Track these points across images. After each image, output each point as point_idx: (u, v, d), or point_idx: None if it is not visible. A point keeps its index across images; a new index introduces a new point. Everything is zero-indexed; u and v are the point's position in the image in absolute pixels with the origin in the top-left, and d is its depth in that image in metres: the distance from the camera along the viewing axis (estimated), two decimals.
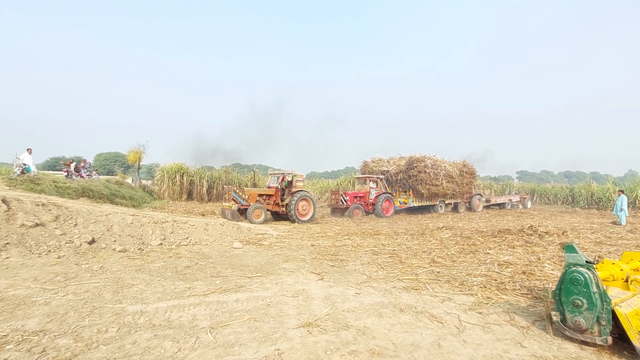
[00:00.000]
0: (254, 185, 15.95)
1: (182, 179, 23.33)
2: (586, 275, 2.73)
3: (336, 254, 6.98)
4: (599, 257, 3.41)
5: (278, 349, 2.75)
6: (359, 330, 3.15)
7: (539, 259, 6.09)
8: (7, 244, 5.49)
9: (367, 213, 17.37)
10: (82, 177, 17.18)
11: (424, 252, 7.04)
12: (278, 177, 14.59)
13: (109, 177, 26.54)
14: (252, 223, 11.88)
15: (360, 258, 6.57)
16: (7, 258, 5.22)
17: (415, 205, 19.58)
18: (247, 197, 13.30)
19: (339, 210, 17.03)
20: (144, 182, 27.82)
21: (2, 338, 2.81)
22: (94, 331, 3.01)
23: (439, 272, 5.40)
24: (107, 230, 6.97)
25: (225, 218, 12.22)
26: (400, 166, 19.57)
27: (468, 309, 3.73)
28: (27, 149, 13.23)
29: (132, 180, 27.31)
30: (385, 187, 18.41)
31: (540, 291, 4.18)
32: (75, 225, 6.69)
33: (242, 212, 13.02)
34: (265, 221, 12.94)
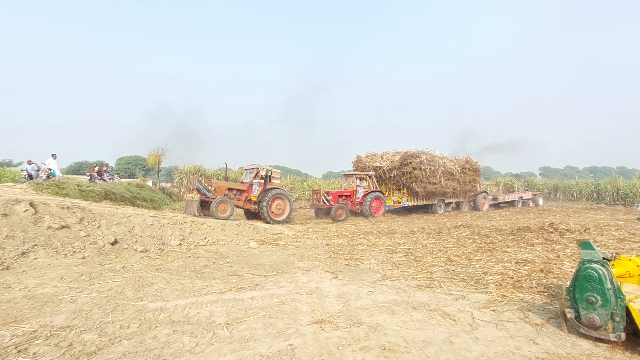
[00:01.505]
0: (226, 179, 14.52)
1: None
2: (600, 272, 2.68)
3: (351, 252, 7.02)
4: (616, 253, 3.33)
5: (291, 344, 2.82)
6: (370, 327, 3.19)
7: (558, 256, 5.94)
8: (35, 245, 5.79)
9: (355, 213, 16.00)
10: (105, 180, 17.82)
11: (439, 250, 6.99)
12: (252, 172, 13.36)
13: (130, 180, 27.37)
14: (216, 218, 10.72)
15: (375, 257, 6.58)
16: (35, 259, 5.51)
17: (411, 204, 18.07)
18: (213, 189, 12.19)
19: (322, 211, 15.56)
20: (163, 184, 28.58)
21: (31, 333, 2.99)
22: (117, 327, 3.16)
23: (454, 270, 5.36)
24: (129, 231, 7.23)
25: (186, 212, 11.22)
26: (394, 162, 17.98)
27: (482, 306, 3.71)
28: (52, 155, 13.85)
29: (152, 182, 28.10)
30: (376, 185, 16.85)
31: (556, 289, 4.10)
32: (99, 227, 6.98)
33: (207, 206, 11.82)
34: (231, 217, 11.65)
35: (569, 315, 2.89)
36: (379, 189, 16.68)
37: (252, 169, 13.46)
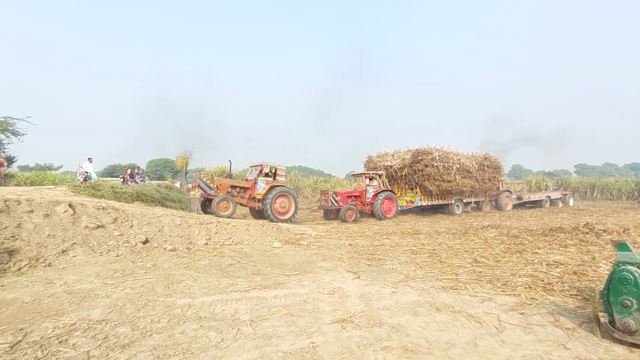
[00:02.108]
0: (230, 176, 13.73)
1: None
2: (636, 274, 2.54)
3: (374, 253, 6.98)
4: None
5: (313, 342, 2.86)
6: (392, 327, 3.17)
7: (593, 258, 5.64)
8: (74, 244, 6.16)
9: (365, 214, 15.41)
10: (136, 182, 18.59)
11: (465, 251, 6.82)
12: (257, 169, 12.96)
13: (160, 182, 28.40)
14: (217, 216, 10.40)
15: (398, 257, 6.51)
16: (74, 256, 5.86)
17: (424, 204, 17.17)
18: (215, 186, 11.88)
19: (331, 212, 15.05)
20: (190, 185, 29.44)
21: (71, 326, 3.20)
22: (148, 321, 3.33)
23: (480, 272, 5.22)
24: (159, 231, 7.54)
25: (190, 211, 10.90)
26: (405, 160, 17.18)
27: (509, 309, 3.59)
28: (88, 158, 14.63)
29: (180, 184, 29.02)
30: (386, 184, 16.20)
31: (590, 292, 3.91)
32: (131, 226, 7.32)
33: (209, 204, 11.74)
34: (233, 214, 11.47)
35: (602, 320, 2.76)
36: (390, 189, 16.08)
37: (257, 166, 13.11)
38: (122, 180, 18.13)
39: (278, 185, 12.39)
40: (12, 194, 7.19)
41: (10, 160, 13.96)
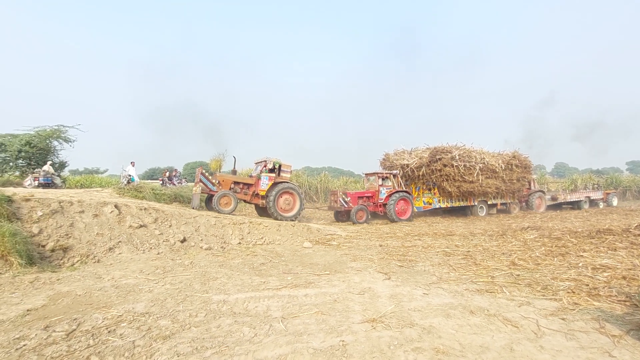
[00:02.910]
0: (234, 173, 13.43)
1: None
2: None
3: (405, 254, 6.89)
4: None
5: (343, 341, 2.89)
6: (424, 329, 3.14)
7: None
8: (120, 242, 6.60)
9: (378, 216, 14.71)
10: (174, 184, 19.53)
11: (503, 254, 6.55)
12: (261, 165, 12.65)
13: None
14: (219, 212, 10.23)
15: (431, 259, 6.38)
16: (119, 254, 6.29)
17: (443, 206, 16.22)
18: (217, 182, 11.67)
19: (342, 214, 14.44)
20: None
21: (118, 317, 3.45)
22: (187, 315, 3.51)
23: (518, 275, 5.00)
24: (195, 230, 7.90)
25: (192, 207, 10.83)
26: (423, 159, 16.14)
27: (549, 314, 3.42)
28: (131, 162, 15.57)
29: None
30: (401, 185, 15.27)
31: (639, 297, 3.64)
32: (170, 226, 7.73)
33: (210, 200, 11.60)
34: (235, 210, 11.31)
35: None
36: (405, 189, 15.09)
37: (261, 162, 12.73)
38: (161, 182, 19.10)
39: (282, 182, 12.00)
40: (65, 195, 7.83)
41: (63, 165, 15.15)
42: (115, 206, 7.50)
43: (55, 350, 2.73)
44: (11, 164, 13.29)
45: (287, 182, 12.11)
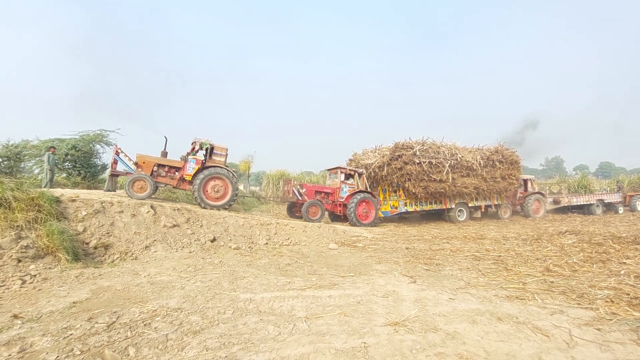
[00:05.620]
0: (164, 155, 11.20)
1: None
2: None
3: (432, 257, 6.77)
4: None
5: (365, 342, 2.92)
6: (448, 334, 3.10)
7: None
8: (155, 240, 6.97)
9: (336, 216, 13.45)
10: None
11: (537, 259, 6.27)
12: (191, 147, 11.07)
13: None
14: (131, 198, 8.87)
15: (459, 263, 6.23)
16: (155, 252, 6.64)
17: (410, 209, 14.41)
18: (135, 162, 10.12)
19: (295, 206, 13.06)
20: (252, 188, 31.17)
21: (153, 312, 3.67)
22: (215, 312, 3.68)
23: (552, 282, 4.79)
24: (224, 230, 8.19)
25: (105, 190, 9.93)
26: (385, 157, 14.25)
27: (584, 324, 3.27)
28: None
29: (243, 187, 30.86)
30: (366, 186, 13.82)
31: None
32: (201, 226, 8.06)
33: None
34: (150, 196, 9.65)
35: None
36: (369, 191, 13.49)
37: (194, 143, 10.99)
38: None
39: (213, 166, 10.47)
40: (106, 196, 8.37)
41: (104, 167, 16.15)
42: (151, 207, 7.93)
43: (97, 340, 2.96)
44: (59, 166, 14.36)
45: (218, 166, 10.57)
